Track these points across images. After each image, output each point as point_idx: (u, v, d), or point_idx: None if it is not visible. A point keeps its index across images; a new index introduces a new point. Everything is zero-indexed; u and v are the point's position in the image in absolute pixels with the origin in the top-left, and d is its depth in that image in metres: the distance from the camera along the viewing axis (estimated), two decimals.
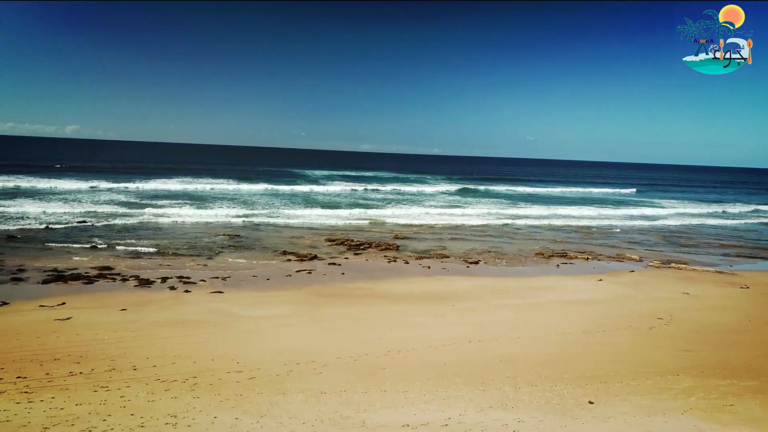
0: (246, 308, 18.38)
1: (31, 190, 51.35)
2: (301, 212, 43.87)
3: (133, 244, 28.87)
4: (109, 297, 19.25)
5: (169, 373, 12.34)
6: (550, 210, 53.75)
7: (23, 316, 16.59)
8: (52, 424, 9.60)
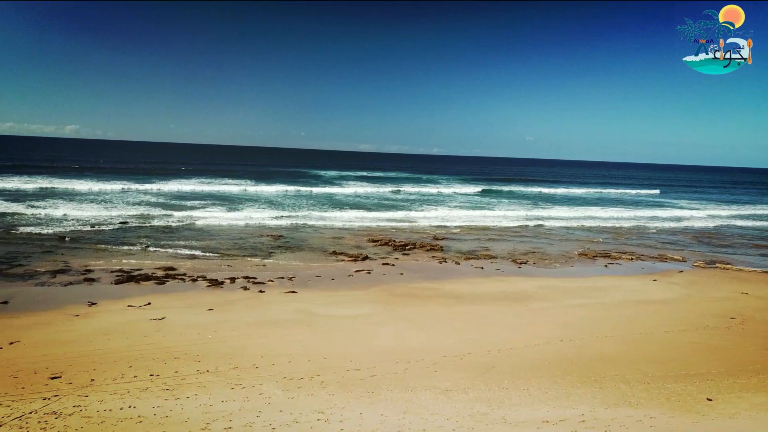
0: (327, 307, 18.71)
1: (60, 192, 51.57)
2: (332, 214, 44.15)
3: (183, 245, 29.18)
4: (188, 297, 19.57)
5: (291, 371, 12.68)
6: (575, 211, 54.16)
7: (118, 315, 16.92)
8: (212, 420, 9.95)
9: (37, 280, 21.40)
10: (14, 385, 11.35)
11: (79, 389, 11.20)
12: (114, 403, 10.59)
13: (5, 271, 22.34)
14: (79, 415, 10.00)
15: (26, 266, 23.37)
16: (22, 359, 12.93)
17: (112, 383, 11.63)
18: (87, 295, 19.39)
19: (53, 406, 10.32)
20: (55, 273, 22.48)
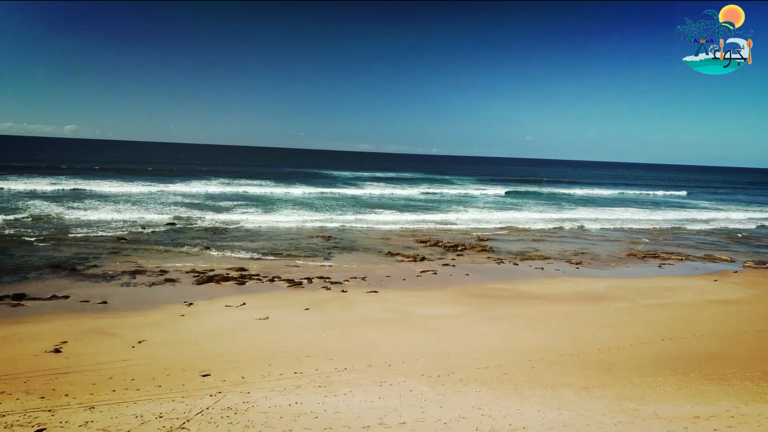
0: (417, 307, 19.09)
1: (91, 194, 51.76)
2: (367, 216, 44.38)
3: (239, 247, 29.52)
4: (277, 297, 19.94)
5: (424, 369, 13.06)
6: (603, 212, 54.67)
7: (223, 315, 17.29)
8: (383, 415, 10.32)
9: (120, 280, 21.73)
10: (173, 382, 11.71)
11: (237, 386, 11.56)
12: (278, 399, 10.95)
13: (84, 272, 22.66)
14: (255, 410, 10.36)
15: (101, 267, 23.69)
16: (162, 357, 13.29)
17: (263, 380, 12.00)
18: (177, 295, 19.75)
19: (224, 402, 10.68)
20: (134, 273, 22.81)
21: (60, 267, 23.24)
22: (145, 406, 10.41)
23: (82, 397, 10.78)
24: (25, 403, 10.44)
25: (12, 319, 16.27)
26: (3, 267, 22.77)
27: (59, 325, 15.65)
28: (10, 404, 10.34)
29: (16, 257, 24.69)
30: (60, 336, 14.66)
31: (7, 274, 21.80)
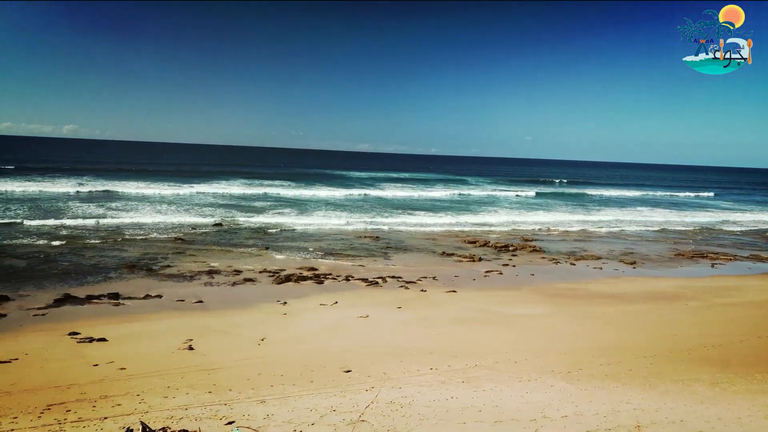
0: (502, 307, 19.49)
1: (123, 195, 51.98)
2: (402, 218, 44.55)
3: (296, 247, 29.92)
4: (363, 296, 20.34)
5: (549, 365, 13.46)
6: (634, 213, 55.20)
7: (323, 313, 17.68)
8: (542, 409, 10.70)
9: (201, 280, 22.09)
10: (322, 377, 12.10)
11: (384, 381, 11.95)
12: (432, 394, 11.34)
13: (160, 272, 23.03)
14: (418, 404, 10.75)
15: (174, 267, 24.06)
16: (291, 354, 13.68)
17: (405, 376, 12.38)
18: (264, 294, 20.15)
19: (383, 397, 11.06)
20: (210, 273, 23.18)
21: (135, 267, 23.59)
22: (311, 401, 10.80)
23: (246, 392, 11.16)
24: (197, 397, 10.82)
25: (124, 317, 16.63)
26: (81, 267, 23.11)
27: (175, 324, 16.03)
28: (184, 398, 10.71)
29: (87, 257, 25.04)
30: (183, 334, 15.04)
31: (89, 273, 22.15)
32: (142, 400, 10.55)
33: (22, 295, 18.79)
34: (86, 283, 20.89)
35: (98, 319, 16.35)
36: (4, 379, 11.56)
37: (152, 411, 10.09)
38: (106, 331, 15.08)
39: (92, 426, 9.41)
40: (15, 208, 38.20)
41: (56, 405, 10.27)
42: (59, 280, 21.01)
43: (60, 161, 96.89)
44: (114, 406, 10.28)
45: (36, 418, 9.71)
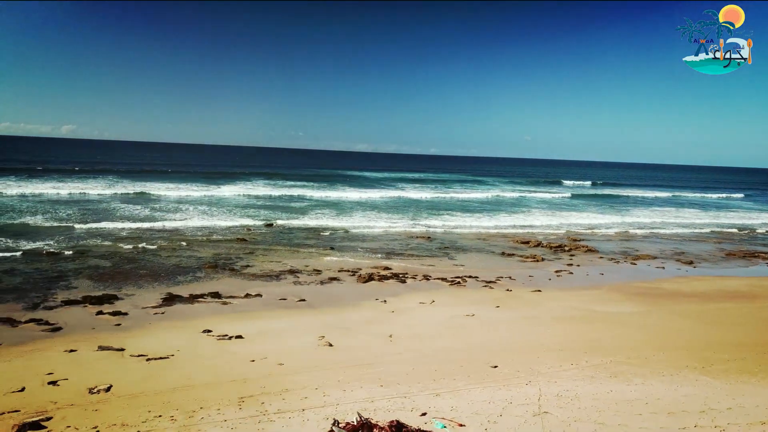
0: (595, 305, 19.93)
1: (158, 197, 52.32)
2: (442, 220, 45.00)
3: (355, 247, 30.42)
4: (454, 295, 20.78)
5: (672, 360, 13.91)
6: (671, 214, 55.77)
7: (429, 311, 18.13)
8: (702, 401, 11.15)
9: (287, 279, 22.53)
10: (477, 372, 12.54)
11: (536, 376, 12.39)
12: (590, 388, 11.78)
13: (243, 272, 23.45)
14: (585, 397, 11.18)
15: (254, 267, 24.51)
16: (426, 350, 14.12)
17: (552, 370, 12.82)
18: (358, 293, 20.61)
19: (548, 390, 11.49)
20: (292, 273, 23.64)
21: (217, 267, 24.02)
22: (483, 394, 11.25)
23: (414, 386, 11.60)
24: (373, 390, 11.26)
25: (243, 315, 17.07)
26: (165, 267, 23.53)
27: (295, 321, 16.50)
28: (361, 392, 11.16)
29: (164, 258, 25.46)
30: (311, 330, 15.50)
31: (177, 273, 22.58)
32: (325, 393, 10.98)
33: (127, 294, 19.20)
34: (180, 282, 21.30)
35: (218, 317, 16.77)
36: (177, 374, 11.98)
37: (341, 403, 10.52)
38: (234, 328, 15.50)
39: (296, 417, 9.85)
40: (62, 210, 38.56)
41: (247, 397, 10.70)
42: (153, 279, 21.43)
43: (76, 162, 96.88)
44: (302, 399, 10.71)
45: (238, 409, 10.15)
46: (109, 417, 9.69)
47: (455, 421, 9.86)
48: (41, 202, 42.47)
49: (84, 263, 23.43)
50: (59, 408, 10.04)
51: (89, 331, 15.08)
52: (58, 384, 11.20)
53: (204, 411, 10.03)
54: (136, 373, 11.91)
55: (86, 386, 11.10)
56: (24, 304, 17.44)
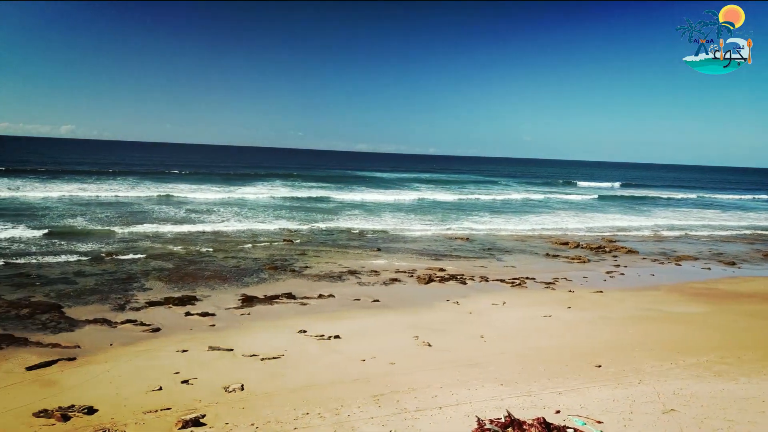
0: (658, 305, 20.23)
1: (186, 200, 52.61)
2: (478, 221, 45.42)
3: (400, 249, 30.77)
4: (521, 296, 21.11)
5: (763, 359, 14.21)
6: (693, 215, 56.07)
7: (506, 312, 18.46)
8: None
9: (350, 280, 22.85)
10: (585, 372, 12.85)
11: (642, 375, 12.69)
12: (703, 386, 12.06)
13: (304, 273, 23.80)
14: (703, 396, 11.48)
15: (313, 268, 24.86)
16: (522, 350, 14.43)
17: (656, 369, 13.12)
18: (428, 294, 20.98)
19: (662, 389, 11.80)
20: (351, 273, 23.96)
21: (277, 268, 24.35)
22: (602, 392, 11.55)
23: (532, 384, 11.91)
24: (496, 389, 11.57)
25: (327, 316, 17.39)
26: (226, 269, 23.84)
27: (381, 321, 16.84)
28: (486, 390, 11.47)
29: (221, 260, 25.77)
30: (402, 330, 15.83)
31: (242, 275, 22.90)
32: (452, 392, 11.30)
33: (203, 295, 19.51)
34: (248, 283, 21.63)
35: (303, 318, 17.09)
36: (298, 373, 12.31)
37: (473, 401, 10.84)
38: (326, 328, 15.83)
39: (438, 414, 10.17)
40: (99, 212, 38.88)
41: (380, 396, 11.02)
42: (220, 281, 21.76)
43: (90, 163, 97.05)
44: (433, 397, 11.03)
45: (378, 407, 10.47)
46: (259, 415, 10.01)
47: (592, 418, 10.17)
48: (75, 205, 42.79)
49: (146, 265, 23.74)
50: (206, 406, 10.36)
51: (188, 332, 15.39)
52: (190, 383, 11.52)
53: (346, 408, 10.34)
54: (259, 373, 12.23)
55: (219, 385, 11.41)
56: (110, 306, 17.74)
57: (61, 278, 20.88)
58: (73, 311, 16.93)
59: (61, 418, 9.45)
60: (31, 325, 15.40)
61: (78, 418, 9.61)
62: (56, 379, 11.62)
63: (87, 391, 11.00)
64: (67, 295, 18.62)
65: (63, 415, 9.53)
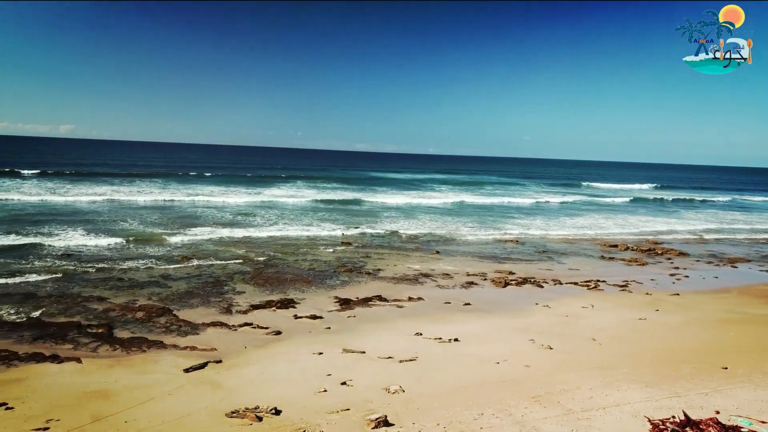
0: (740, 307, 20.60)
1: (216, 205, 52.91)
2: (522, 226, 45.74)
3: (456, 251, 31.18)
4: (605, 299, 21.45)
5: None
6: (721, 216, 56.32)
7: (600, 316, 18.81)
8: None
9: (427, 283, 23.25)
10: (713, 373, 13.23)
11: None
12: None
13: (379, 276, 24.19)
14: None
15: (386, 270, 25.25)
16: (640, 351, 14.81)
17: None
18: (511, 297, 21.35)
19: None
20: (426, 276, 24.35)
21: (352, 271, 24.77)
22: (742, 393, 11.93)
23: (676, 385, 12.28)
24: (644, 390, 11.95)
25: (429, 318, 17.79)
26: (304, 272, 24.27)
27: (485, 324, 17.20)
28: (635, 392, 11.84)
29: (292, 262, 26.18)
30: (512, 333, 16.17)
31: (322, 278, 23.32)
32: (605, 393, 11.69)
33: (299, 298, 19.94)
34: (333, 286, 22.06)
35: (409, 320, 17.51)
36: (443, 374, 12.71)
37: (631, 402, 11.23)
38: (439, 331, 16.24)
39: (605, 415, 10.57)
40: (146, 215, 39.35)
41: (538, 396, 11.42)
42: (305, 283, 22.21)
43: (106, 165, 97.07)
44: (589, 398, 11.43)
45: (542, 407, 10.87)
46: (437, 415, 10.41)
47: (755, 419, 10.56)
48: (123, 208, 43.24)
49: (225, 269, 24.15)
50: (380, 407, 10.78)
51: (308, 335, 15.82)
52: (349, 384, 11.93)
53: (515, 409, 10.74)
54: (405, 374, 12.63)
55: (378, 386, 11.82)
56: (216, 309, 18.17)
57: (151, 282, 21.32)
58: (184, 314, 17.36)
59: (255, 418, 9.87)
60: (156, 329, 15.83)
61: (269, 418, 10.03)
62: (217, 380, 12.04)
63: (253, 392, 11.42)
64: (169, 299, 19.06)
65: (257, 416, 9.94)
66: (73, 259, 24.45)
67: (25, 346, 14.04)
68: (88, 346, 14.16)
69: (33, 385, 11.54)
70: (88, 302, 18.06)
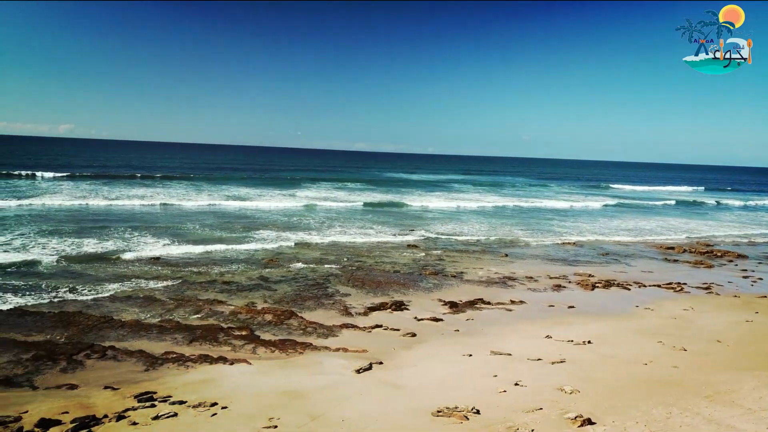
0: None
1: (258, 209, 53.39)
2: (577, 229, 46.14)
3: (522, 254, 31.61)
4: (700, 302, 21.89)
5: None
6: (759, 219, 56.59)
7: (703, 317, 19.25)
8: None
9: (515, 286, 23.73)
10: None
11: None
12: None
13: (465, 278, 24.71)
14: None
15: (464, 273, 25.71)
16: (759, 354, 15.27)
17: None
18: (608, 299, 21.82)
19: None
20: (512, 279, 24.82)
21: (437, 273, 25.31)
22: None
23: None
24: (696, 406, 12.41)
25: (543, 322, 18.27)
26: (391, 275, 24.79)
27: (601, 326, 17.69)
28: None
29: (374, 266, 26.68)
30: (629, 334, 16.63)
31: (413, 280, 23.85)
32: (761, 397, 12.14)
33: (406, 300, 20.43)
34: (428, 289, 22.59)
35: (527, 324, 18.00)
36: (600, 374, 13.19)
37: None
38: (564, 333, 16.72)
39: None
40: (202, 219, 39.90)
41: (709, 395, 11.87)
42: (401, 286, 22.76)
43: (121, 166, 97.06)
44: (759, 397, 11.88)
45: (719, 407, 11.31)
46: (632, 414, 10.89)
47: None
48: (176, 214, 43.80)
49: (315, 272, 24.65)
50: (569, 406, 11.26)
51: (442, 336, 16.35)
52: (521, 385, 12.41)
53: (695, 408, 11.21)
54: (566, 375, 13.10)
55: (551, 387, 12.29)
56: (335, 311, 18.71)
57: (255, 285, 21.87)
58: (309, 316, 17.90)
59: (464, 417, 10.38)
60: (293, 330, 16.37)
61: (474, 416, 10.54)
62: (392, 381, 12.54)
63: (436, 392, 11.90)
64: (284, 301, 19.61)
65: (464, 415, 10.45)
66: (166, 263, 25.00)
67: (185, 347, 14.59)
68: (245, 348, 14.70)
69: (225, 384, 12.07)
70: (212, 305, 18.60)
